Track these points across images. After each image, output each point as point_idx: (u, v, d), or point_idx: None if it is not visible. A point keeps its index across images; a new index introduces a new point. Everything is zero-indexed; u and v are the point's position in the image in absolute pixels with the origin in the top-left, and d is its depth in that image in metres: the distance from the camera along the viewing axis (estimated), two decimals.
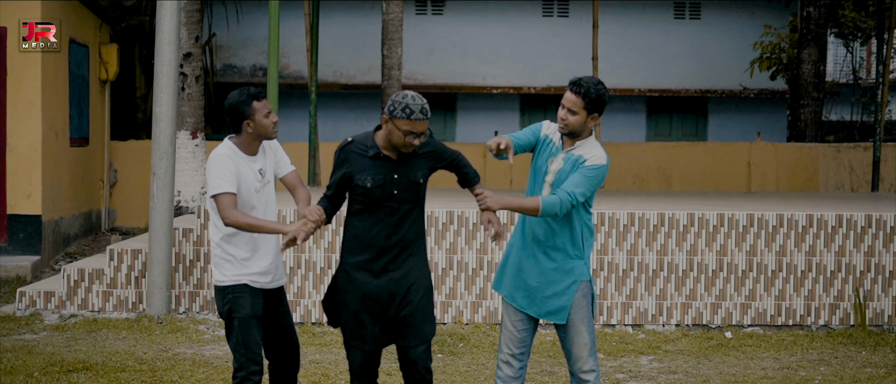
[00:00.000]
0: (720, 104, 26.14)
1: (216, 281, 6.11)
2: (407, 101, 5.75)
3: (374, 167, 5.89)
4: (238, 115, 6.08)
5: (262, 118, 6.09)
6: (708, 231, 10.69)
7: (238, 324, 6.03)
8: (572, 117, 6.08)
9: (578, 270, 6.23)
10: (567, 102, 6.10)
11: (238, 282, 6.05)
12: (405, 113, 5.73)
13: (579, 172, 6.08)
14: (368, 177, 5.87)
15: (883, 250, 10.77)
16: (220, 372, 8.60)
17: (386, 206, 5.91)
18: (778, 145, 19.77)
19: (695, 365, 9.19)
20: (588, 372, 6.26)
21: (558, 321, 6.21)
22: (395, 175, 5.90)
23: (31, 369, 8.51)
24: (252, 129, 6.08)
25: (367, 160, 5.89)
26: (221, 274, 6.08)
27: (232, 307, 6.04)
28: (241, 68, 24.69)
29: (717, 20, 25.60)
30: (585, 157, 6.12)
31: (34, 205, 14.11)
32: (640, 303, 10.69)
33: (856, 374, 8.88)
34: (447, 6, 25.25)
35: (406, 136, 5.77)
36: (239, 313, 6.03)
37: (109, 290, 11.08)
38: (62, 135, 15.04)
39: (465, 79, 25.15)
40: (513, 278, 6.31)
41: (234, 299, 6.04)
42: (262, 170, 6.16)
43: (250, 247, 6.06)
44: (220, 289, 6.09)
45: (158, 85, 10.98)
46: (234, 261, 6.05)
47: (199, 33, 15.94)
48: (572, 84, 6.13)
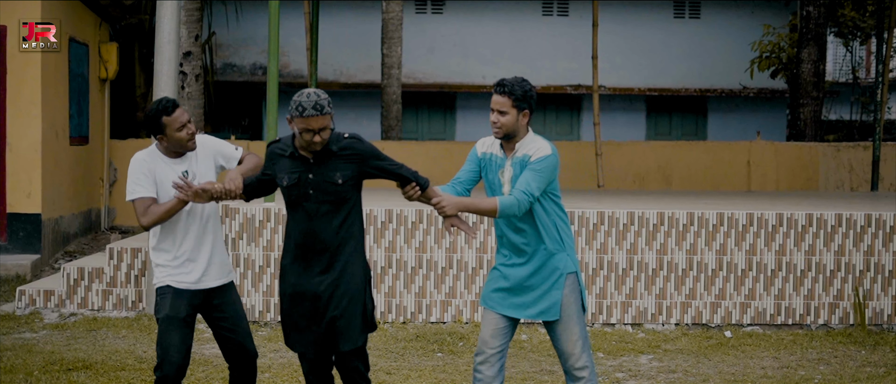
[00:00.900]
0: (720, 103, 26.15)
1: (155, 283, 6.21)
2: (300, 99, 5.67)
3: (291, 166, 5.87)
4: (152, 128, 6.09)
5: (174, 133, 6.04)
6: (708, 230, 10.69)
7: (159, 324, 6.09)
8: (503, 117, 6.08)
9: (563, 263, 6.20)
10: (495, 105, 6.11)
11: (162, 284, 6.11)
12: (298, 110, 5.66)
13: (528, 169, 6.10)
14: (285, 176, 5.88)
15: (882, 249, 10.77)
16: (219, 370, 8.60)
17: (303, 206, 5.86)
18: (778, 144, 19.77)
19: (694, 364, 9.20)
20: (581, 368, 6.22)
21: (552, 318, 6.18)
22: (310, 175, 5.83)
23: (31, 368, 8.51)
24: (166, 143, 6.08)
25: (285, 159, 5.90)
26: (155, 276, 6.19)
27: (156, 308, 6.12)
28: (240, 67, 24.69)
29: (716, 19, 25.61)
30: (530, 154, 6.14)
31: (34, 204, 14.11)
32: (640, 302, 10.70)
33: (855, 373, 8.88)
34: (447, 5, 25.25)
35: (302, 133, 5.70)
36: (159, 314, 6.09)
37: (109, 289, 11.08)
38: (62, 134, 15.04)
39: (465, 78, 25.15)
40: (498, 290, 6.28)
41: (159, 301, 6.11)
42: (187, 171, 6.11)
43: (175, 248, 6.10)
44: (156, 291, 6.18)
45: (158, 84, 10.98)
46: (161, 264, 6.12)
47: (199, 32, 15.95)
48: (496, 85, 6.15)
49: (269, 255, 10.54)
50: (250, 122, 25.02)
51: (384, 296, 10.63)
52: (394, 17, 21.25)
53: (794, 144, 19.74)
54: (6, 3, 13.94)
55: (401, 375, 8.53)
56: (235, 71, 24.64)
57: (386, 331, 10.21)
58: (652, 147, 20.13)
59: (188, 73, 15.68)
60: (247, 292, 10.52)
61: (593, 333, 10.30)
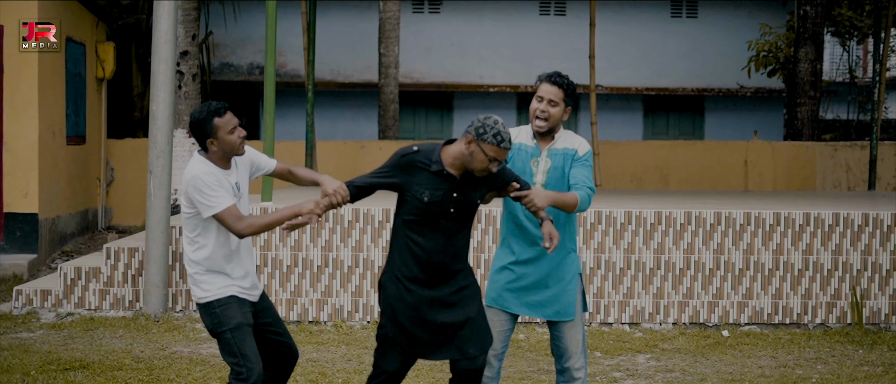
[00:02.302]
0: (717, 103, 26.15)
1: (198, 298, 5.88)
2: (498, 128, 5.61)
3: (435, 182, 5.74)
4: (202, 133, 5.80)
5: (226, 135, 5.81)
6: (705, 229, 10.69)
7: (231, 335, 5.80)
8: (553, 109, 6.10)
9: (576, 264, 6.27)
10: (548, 94, 6.10)
11: (224, 295, 5.85)
12: (496, 140, 5.60)
13: (582, 165, 6.15)
14: (426, 191, 5.73)
15: (880, 249, 10.77)
16: (216, 370, 8.59)
17: (440, 223, 5.79)
18: (775, 144, 19.77)
19: (692, 363, 9.19)
20: (579, 368, 6.27)
21: (567, 318, 6.19)
22: (454, 193, 5.77)
23: (28, 368, 8.50)
24: (216, 147, 5.82)
25: (428, 174, 5.75)
26: (202, 290, 5.86)
27: (220, 320, 5.83)
28: (237, 67, 24.67)
29: (714, 19, 25.61)
30: (576, 149, 6.19)
31: (31, 204, 14.09)
32: (638, 301, 10.69)
33: (853, 373, 8.88)
34: (444, 5, 25.24)
35: (490, 162, 5.65)
36: (228, 324, 5.81)
37: (106, 289, 11.07)
38: (59, 133, 15.02)
39: (462, 77, 25.14)
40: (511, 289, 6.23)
41: (221, 311, 5.83)
42: (237, 184, 5.94)
43: (229, 258, 5.88)
44: (206, 305, 5.87)
45: (155, 83, 10.97)
46: (216, 274, 5.85)
47: (196, 32, 15.93)
48: (550, 76, 6.14)
49: (266, 255, 10.53)
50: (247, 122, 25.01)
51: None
52: (391, 16, 21.25)
53: (791, 144, 19.75)
54: (3, 3, 13.93)
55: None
56: (233, 70, 24.63)
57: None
58: (649, 146, 20.13)
59: (185, 72, 15.66)
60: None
61: (591, 333, 10.30)
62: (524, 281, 6.21)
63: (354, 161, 18.60)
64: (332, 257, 10.58)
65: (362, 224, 10.57)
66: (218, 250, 5.85)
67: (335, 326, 10.42)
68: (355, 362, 8.98)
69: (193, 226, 5.86)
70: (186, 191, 5.79)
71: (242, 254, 5.94)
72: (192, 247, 5.88)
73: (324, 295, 10.60)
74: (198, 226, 5.84)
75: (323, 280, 10.60)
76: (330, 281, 10.60)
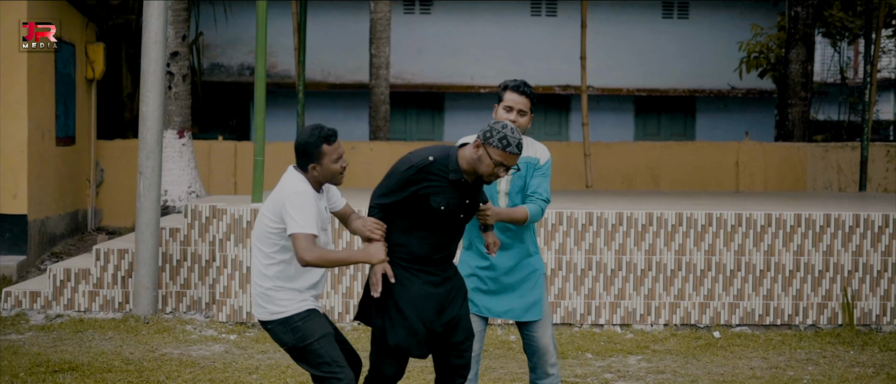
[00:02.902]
0: (708, 104, 26.17)
1: (274, 314, 5.77)
2: (506, 132, 5.63)
3: (452, 191, 5.75)
4: (306, 155, 5.71)
5: (331, 163, 5.72)
6: (696, 230, 10.68)
7: (319, 346, 5.73)
8: (523, 118, 6.21)
9: (539, 264, 6.40)
10: (517, 104, 6.19)
11: (304, 309, 5.77)
12: (502, 144, 5.61)
13: (540, 174, 6.27)
14: (444, 200, 5.72)
15: (871, 250, 10.77)
16: (206, 372, 8.56)
17: (448, 226, 5.83)
18: (766, 145, 19.78)
19: (683, 364, 9.18)
20: (553, 364, 6.41)
21: (535, 317, 6.33)
22: (466, 200, 5.82)
23: (17, 370, 8.46)
24: (317, 173, 5.73)
25: (446, 182, 5.73)
26: (277, 305, 5.76)
27: (304, 334, 5.74)
28: (228, 67, 24.63)
29: (705, 20, 25.64)
30: (538, 158, 6.29)
31: (20, 205, 14.04)
32: (629, 302, 10.68)
33: (844, 374, 8.88)
34: (435, 5, 25.23)
35: (496, 166, 5.65)
36: (316, 334, 5.73)
37: (96, 290, 11.03)
38: (48, 134, 14.97)
39: (454, 78, 25.13)
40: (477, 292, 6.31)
41: (303, 325, 5.74)
42: (326, 207, 5.90)
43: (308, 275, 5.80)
44: (284, 320, 5.76)
45: (145, 84, 10.93)
46: (293, 291, 5.76)
47: (187, 32, 15.89)
48: (517, 86, 6.22)
49: None
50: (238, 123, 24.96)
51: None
52: (382, 17, 21.22)
53: (782, 145, 19.76)
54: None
55: None
56: (223, 71, 24.58)
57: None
58: (640, 147, 20.13)
59: (175, 73, 15.62)
60: (234, 293, 10.47)
61: (582, 334, 10.28)
62: (492, 284, 6.33)
63: None
64: None
65: None
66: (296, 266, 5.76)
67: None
68: None
69: (275, 242, 5.74)
70: (282, 205, 5.66)
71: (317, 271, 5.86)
72: (268, 261, 5.76)
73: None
74: (280, 242, 5.73)
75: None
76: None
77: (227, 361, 8.99)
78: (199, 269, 11.08)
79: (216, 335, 10.06)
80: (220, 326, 10.35)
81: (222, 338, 9.97)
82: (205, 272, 11.05)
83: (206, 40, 23.54)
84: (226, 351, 9.43)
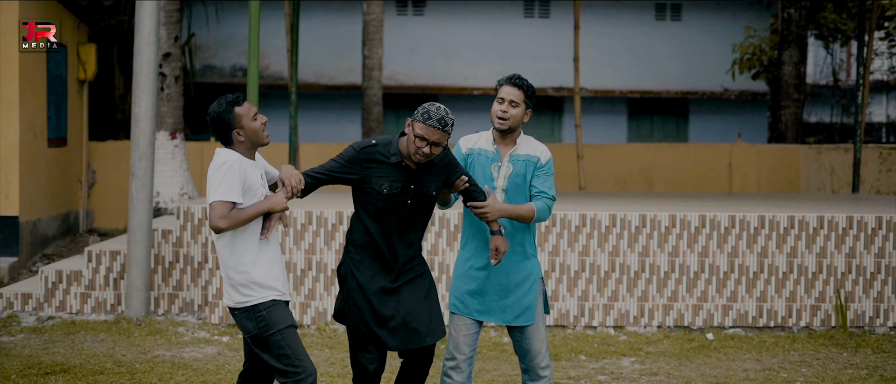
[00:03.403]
0: (701, 105, 26.19)
1: (239, 302, 5.70)
2: (430, 108, 5.75)
3: (393, 174, 5.87)
4: (224, 124, 5.65)
5: (250, 123, 5.68)
6: (689, 232, 10.68)
7: (282, 337, 5.68)
8: (515, 109, 6.16)
9: (536, 269, 6.35)
10: (509, 95, 6.17)
11: (268, 299, 5.71)
12: (423, 117, 5.71)
13: (543, 173, 6.27)
14: (386, 182, 5.86)
15: (864, 251, 10.77)
16: (199, 374, 8.53)
17: (397, 214, 5.92)
18: (759, 146, 19.80)
19: (676, 366, 9.18)
20: (545, 367, 6.38)
21: (527, 322, 6.29)
22: (412, 185, 5.90)
23: (8, 372, 8.43)
24: (243, 136, 5.69)
25: (386, 166, 5.86)
26: (242, 295, 5.70)
27: (268, 323, 5.68)
28: (220, 69, 24.59)
29: (698, 21, 25.65)
30: (538, 156, 6.28)
31: (11, 207, 14.00)
32: (622, 304, 10.67)
33: (837, 376, 8.88)
34: (428, 7, 25.22)
35: (416, 139, 5.71)
36: (278, 325, 5.68)
37: (88, 292, 10.99)
38: (40, 135, 14.93)
39: (447, 80, 25.12)
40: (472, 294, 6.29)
41: (267, 314, 5.68)
42: (262, 175, 5.84)
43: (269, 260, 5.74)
44: (249, 309, 5.70)
45: (137, 85, 10.90)
46: (256, 280, 5.69)
47: (179, 33, 15.86)
48: (510, 78, 6.20)
49: None
50: None
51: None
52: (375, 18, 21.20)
53: (775, 146, 19.78)
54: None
55: (384, 378, 8.48)
56: (215, 72, 24.55)
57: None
58: (633, 149, 20.13)
59: (168, 74, 15.58)
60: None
61: (575, 336, 10.27)
62: (485, 286, 6.30)
63: None
64: (315, 260, 10.53)
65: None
66: (262, 254, 5.72)
67: (318, 330, 10.37)
68: (339, 366, 8.93)
69: None
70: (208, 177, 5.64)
71: (277, 254, 5.82)
72: (223, 246, 5.73)
73: (307, 298, 10.54)
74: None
75: (306, 283, 10.54)
76: (313, 284, 10.54)
77: (220, 363, 8.97)
78: (192, 271, 11.05)
79: (208, 337, 10.04)
80: (213, 328, 10.32)
81: (214, 339, 9.94)
82: (197, 274, 11.02)
83: (199, 41, 23.51)
84: (218, 353, 9.41)
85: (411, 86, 24.94)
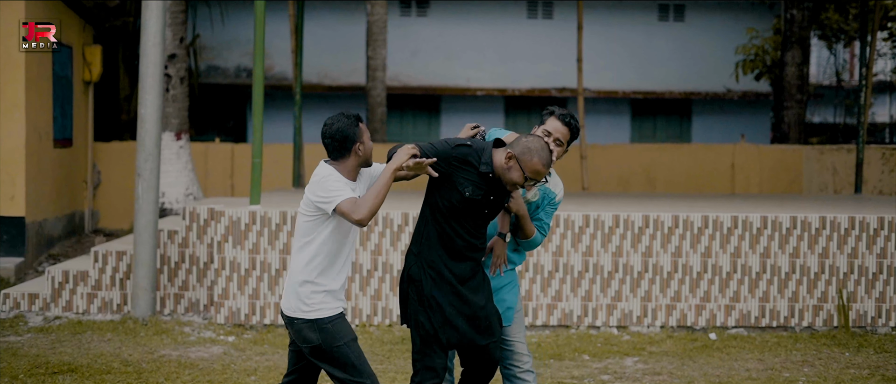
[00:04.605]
0: (704, 106, 26.21)
1: (308, 314, 5.79)
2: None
3: (478, 180, 5.85)
4: (346, 139, 5.80)
5: (368, 140, 5.88)
6: (692, 233, 10.72)
7: (348, 349, 5.80)
8: (558, 148, 6.18)
9: (515, 276, 6.43)
10: (557, 132, 6.14)
11: (336, 312, 5.83)
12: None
13: (552, 209, 6.34)
14: (470, 187, 5.85)
15: (866, 252, 10.81)
16: (205, 373, 8.58)
17: (471, 217, 5.93)
18: (762, 147, 19.83)
19: (679, 366, 9.21)
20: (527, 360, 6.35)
21: (507, 323, 6.29)
22: (491, 196, 5.91)
23: (16, 371, 8.48)
24: (362, 151, 5.83)
25: (474, 171, 5.85)
26: (307, 306, 5.79)
27: (333, 335, 5.79)
28: (225, 69, 24.64)
29: (701, 22, 25.68)
30: (555, 193, 6.33)
31: (18, 207, 14.05)
32: (625, 304, 10.71)
33: (839, 376, 8.91)
34: (431, 8, 25.26)
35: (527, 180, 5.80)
36: (345, 338, 5.81)
37: (94, 292, 11.05)
38: (46, 136, 14.99)
39: (450, 80, 25.16)
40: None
41: (336, 328, 5.80)
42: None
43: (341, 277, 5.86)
44: (315, 321, 5.80)
45: (143, 86, 10.95)
46: (328, 293, 5.81)
47: (184, 34, 15.92)
48: (563, 116, 6.17)
49: (255, 258, 10.52)
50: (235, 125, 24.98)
51: (370, 299, 10.62)
52: (378, 19, 21.26)
53: (777, 147, 19.81)
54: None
55: (387, 378, 8.53)
56: (220, 73, 24.60)
57: (371, 334, 10.21)
58: (636, 150, 20.17)
59: (173, 75, 15.65)
60: (232, 295, 10.49)
61: (579, 336, 10.31)
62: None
63: None
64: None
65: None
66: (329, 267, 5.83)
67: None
68: None
69: (308, 233, 5.81)
70: (313, 192, 5.75)
71: (346, 271, 5.92)
72: (301, 257, 5.82)
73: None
74: (311, 232, 5.80)
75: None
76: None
77: (226, 363, 9.02)
78: (198, 271, 11.10)
79: (214, 337, 10.09)
80: (219, 328, 10.37)
81: (220, 339, 9.99)
82: (203, 274, 11.07)
83: (203, 42, 23.56)
84: (224, 352, 9.46)
85: (414, 87, 24.98)
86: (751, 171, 19.42)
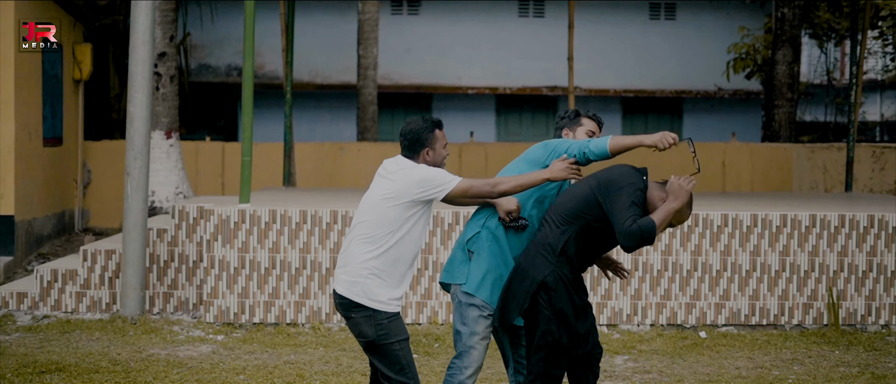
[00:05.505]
0: (695, 105, 26.24)
1: (371, 302, 5.84)
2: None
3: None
4: (418, 142, 5.95)
5: (441, 148, 6.03)
6: (682, 231, 10.72)
7: (400, 348, 5.88)
8: None
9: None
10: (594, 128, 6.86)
11: (395, 310, 5.90)
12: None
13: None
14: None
15: (856, 250, 10.82)
16: (193, 372, 8.56)
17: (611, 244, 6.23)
18: (752, 145, 19.85)
19: (669, 364, 9.22)
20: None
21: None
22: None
23: (4, 371, 8.45)
24: (430, 158, 5.97)
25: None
26: (373, 297, 5.85)
27: (388, 332, 5.86)
28: (215, 68, 24.61)
29: (692, 21, 25.70)
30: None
31: (7, 206, 14.02)
32: (616, 302, 10.71)
33: (829, 374, 8.92)
34: (423, 6, 25.25)
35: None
36: (400, 336, 5.89)
37: (83, 291, 11.02)
38: (35, 135, 14.95)
39: (441, 79, 25.16)
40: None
41: (392, 324, 5.88)
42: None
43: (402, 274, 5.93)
44: (376, 313, 5.86)
45: (133, 85, 10.93)
46: (390, 287, 5.88)
47: (174, 33, 15.89)
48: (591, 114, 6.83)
49: (244, 257, 10.50)
50: (225, 124, 24.95)
51: None
52: (370, 18, 21.24)
53: (768, 145, 19.83)
54: None
55: None
56: (210, 72, 24.56)
57: None
58: None
59: (163, 73, 15.62)
60: (221, 294, 10.47)
61: None
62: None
63: (333, 163, 18.58)
64: (310, 259, 10.56)
65: (341, 226, 10.55)
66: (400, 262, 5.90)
67: (313, 328, 10.40)
68: (333, 364, 8.97)
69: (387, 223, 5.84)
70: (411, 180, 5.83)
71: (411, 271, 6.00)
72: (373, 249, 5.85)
73: (302, 297, 10.57)
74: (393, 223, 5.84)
75: (301, 282, 10.57)
76: (308, 283, 10.58)
77: (215, 362, 9.00)
78: (187, 270, 11.08)
79: (203, 335, 10.07)
80: (208, 327, 10.35)
81: (209, 338, 9.97)
82: (192, 273, 11.05)
83: (194, 41, 23.53)
84: (213, 351, 9.44)
85: (406, 85, 24.98)
86: (741, 170, 19.44)
